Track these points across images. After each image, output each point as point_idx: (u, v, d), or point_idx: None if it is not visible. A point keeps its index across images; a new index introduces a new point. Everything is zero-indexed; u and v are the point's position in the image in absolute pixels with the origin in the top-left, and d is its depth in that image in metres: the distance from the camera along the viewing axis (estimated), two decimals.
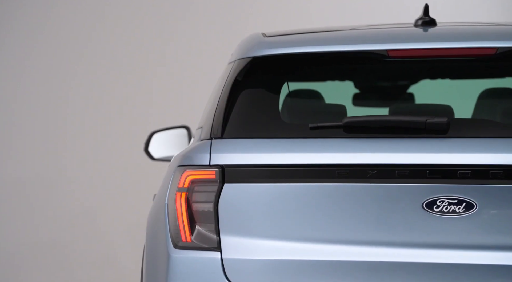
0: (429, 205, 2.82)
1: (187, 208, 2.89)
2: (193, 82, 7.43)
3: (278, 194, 2.86)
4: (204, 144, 2.96)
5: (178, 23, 7.40)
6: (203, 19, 7.35)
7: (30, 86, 7.54)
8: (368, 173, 2.84)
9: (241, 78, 3.09)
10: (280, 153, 2.88)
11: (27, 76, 7.53)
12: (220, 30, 7.27)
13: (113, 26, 7.43)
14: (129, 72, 7.46)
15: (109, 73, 7.49)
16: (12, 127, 7.57)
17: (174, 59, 7.43)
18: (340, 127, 2.93)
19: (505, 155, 2.83)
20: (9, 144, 7.56)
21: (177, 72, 7.45)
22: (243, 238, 2.86)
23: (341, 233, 2.83)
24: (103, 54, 7.45)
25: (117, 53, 7.44)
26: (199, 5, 7.37)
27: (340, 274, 2.80)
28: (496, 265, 2.78)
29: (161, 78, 7.48)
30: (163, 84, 7.49)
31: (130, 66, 7.46)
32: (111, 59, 7.47)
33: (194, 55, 7.37)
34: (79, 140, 7.52)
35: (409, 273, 2.80)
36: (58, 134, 7.55)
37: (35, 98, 7.55)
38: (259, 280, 2.82)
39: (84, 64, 7.48)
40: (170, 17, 7.39)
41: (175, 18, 7.39)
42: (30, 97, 7.55)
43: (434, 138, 2.89)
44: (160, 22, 7.38)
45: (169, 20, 7.39)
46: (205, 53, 7.32)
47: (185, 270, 2.85)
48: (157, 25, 7.39)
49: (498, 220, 2.81)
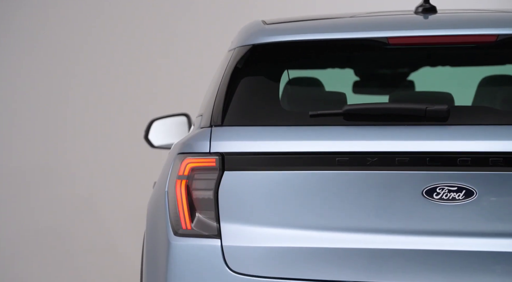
0: (429, 193, 2.83)
1: (187, 195, 2.89)
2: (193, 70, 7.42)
3: (278, 182, 2.86)
4: (204, 132, 2.96)
5: (178, 11, 7.38)
6: (203, 7, 7.34)
7: (30, 74, 7.54)
8: (368, 160, 2.84)
9: (241, 66, 3.09)
10: (280, 140, 2.88)
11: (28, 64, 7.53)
12: (220, 18, 7.26)
13: (115, 13, 7.42)
14: (129, 60, 7.45)
15: (109, 62, 7.48)
16: (13, 117, 7.57)
17: (174, 47, 7.42)
18: (340, 115, 2.93)
19: (505, 142, 2.83)
20: (10, 133, 7.56)
21: (177, 60, 7.44)
22: (243, 226, 2.86)
23: (341, 221, 2.83)
24: (103, 41, 7.44)
25: (118, 41, 7.43)
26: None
27: (340, 261, 2.81)
28: (495, 252, 2.79)
29: (161, 66, 7.47)
30: (163, 72, 7.48)
31: (130, 54, 7.45)
32: (111, 48, 7.46)
33: (194, 43, 7.36)
34: (79, 128, 7.53)
35: (409, 260, 2.80)
36: (59, 123, 7.55)
37: (36, 86, 7.54)
38: (259, 267, 2.83)
39: (84, 53, 7.48)
40: (170, 5, 7.37)
41: (176, 6, 7.38)
42: (30, 85, 7.55)
43: (434, 126, 2.89)
44: (161, 10, 7.37)
45: (170, 8, 7.37)
46: (205, 40, 7.30)
47: (185, 257, 2.85)
48: (158, 13, 7.38)
49: (498, 207, 2.81)
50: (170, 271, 2.85)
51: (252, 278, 2.82)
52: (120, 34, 7.42)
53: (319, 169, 2.85)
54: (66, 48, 7.48)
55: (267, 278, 2.82)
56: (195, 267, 2.84)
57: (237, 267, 2.84)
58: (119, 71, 7.50)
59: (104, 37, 7.44)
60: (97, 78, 7.52)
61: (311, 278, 2.81)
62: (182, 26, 7.38)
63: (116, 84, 7.51)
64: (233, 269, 2.84)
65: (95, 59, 7.48)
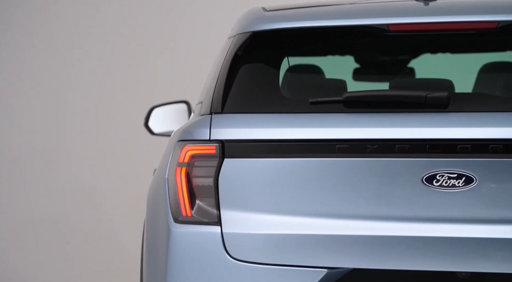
0: (429, 179, 2.83)
1: (187, 182, 2.90)
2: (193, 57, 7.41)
3: (278, 169, 2.86)
4: (204, 119, 2.96)
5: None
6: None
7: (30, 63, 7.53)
8: (368, 147, 2.84)
9: (241, 53, 3.08)
10: (280, 127, 2.88)
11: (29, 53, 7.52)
12: (220, 5, 7.24)
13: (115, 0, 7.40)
14: (129, 48, 7.44)
15: (109, 50, 7.47)
16: (12, 103, 7.57)
17: (175, 34, 7.41)
18: (340, 102, 2.92)
19: (505, 129, 2.83)
20: (9, 120, 7.56)
21: (177, 47, 7.43)
22: (243, 213, 2.86)
23: (341, 208, 2.84)
24: (104, 28, 7.43)
25: (119, 27, 7.41)
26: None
27: (340, 248, 2.81)
28: (495, 238, 2.79)
29: (161, 54, 7.47)
30: (163, 60, 7.47)
31: (130, 40, 7.44)
32: (112, 34, 7.45)
33: (194, 30, 7.35)
34: (79, 115, 7.53)
35: (409, 247, 2.81)
36: (59, 112, 7.55)
37: (36, 75, 7.54)
38: (259, 254, 2.83)
39: (84, 40, 7.46)
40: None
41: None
42: (30, 73, 7.54)
43: (434, 113, 2.89)
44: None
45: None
46: (205, 27, 7.29)
47: (185, 244, 2.86)
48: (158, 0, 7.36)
49: (498, 194, 2.81)
50: (170, 258, 2.85)
51: (252, 265, 2.83)
52: (121, 20, 7.41)
53: (319, 156, 2.85)
54: (67, 34, 7.47)
55: (267, 265, 2.83)
56: (195, 254, 2.85)
57: (237, 254, 2.84)
58: (119, 60, 7.49)
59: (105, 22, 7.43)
60: (97, 66, 7.51)
61: (311, 265, 2.81)
62: (182, 13, 7.36)
63: (116, 72, 7.50)
64: (233, 256, 2.84)
65: (95, 47, 7.47)
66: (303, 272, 2.80)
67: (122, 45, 7.45)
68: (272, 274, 2.81)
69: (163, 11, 7.36)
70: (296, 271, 2.81)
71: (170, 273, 2.85)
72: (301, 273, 2.80)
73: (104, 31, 7.45)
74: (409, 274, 2.81)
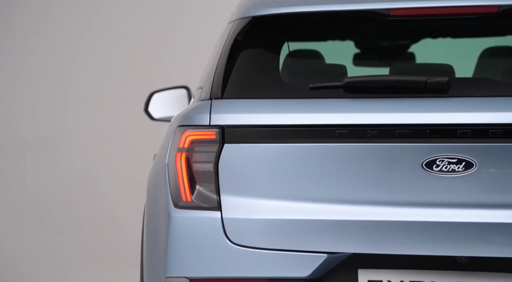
0: (428, 165, 2.83)
1: (187, 168, 2.90)
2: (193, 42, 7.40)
3: (278, 154, 2.86)
4: (204, 104, 2.96)
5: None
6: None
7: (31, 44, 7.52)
8: (368, 133, 2.84)
9: (241, 38, 3.08)
10: (280, 113, 2.88)
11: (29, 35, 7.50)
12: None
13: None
14: (129, 31, 7.43)
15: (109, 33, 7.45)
16: (13, 86, 7.56)
17: (174, 19, 7.39)
18: (341, 88, 2.92)
19: (506, 114, 2.83)
20: (10, 103, 7.56)
21: (177, 32, 7.41)
22: (243, 198, 2.87)
23: (341, 193, 2.84)
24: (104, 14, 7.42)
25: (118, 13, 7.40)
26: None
27: (340, 233, 2.82)
28: (495, 223, 2.80)
29: (161, 39, 7.45)
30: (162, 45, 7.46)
31: (130, 25, 7.42)
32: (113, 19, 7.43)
33: (194, 15, 7.33)
34: (79, 99, 7.52)
35: (409, 232, 2.81)
36: (59, 94, 7.55)
37: (36, 57, 7.53)
38: (259, 239, 2.84)
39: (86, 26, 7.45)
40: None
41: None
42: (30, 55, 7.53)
43: (434, 98, 2.88)
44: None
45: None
46: (205, 12, 7.28)
47: (186, 229, 2.86)
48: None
49: (497, 179, 2.81)
50: (170, 243, 2.86)
51: (252, 249, 2.83)
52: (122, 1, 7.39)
53: (319, 142, 2.85)
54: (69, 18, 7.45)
55: (267, 250, 2.83)
56: (195, 239, 2.85)
57: (237, 239, 2.85)
58: (119, 45, 7.48)
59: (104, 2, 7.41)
60: (98, 51, 7.50)
61: (311, 250, 2.82)
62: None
63: (117, 57, 7.49)
64: (233, 241, 2.85)
65: (95, 31, 7.46)
66: (303, 257, 2.81)
67: (122, 29, 7.44)
68: (272, 259, 2.82)
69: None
70: (296, 256, 2.81)
71: (170, 258, 2.86)
72: (301, 258, 2.81)
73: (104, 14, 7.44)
74: (408, 258, 2.82)
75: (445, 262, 2.82)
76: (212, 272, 2.83)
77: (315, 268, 2.80)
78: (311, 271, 2.81)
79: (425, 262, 2.82)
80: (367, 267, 2.83)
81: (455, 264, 2.83)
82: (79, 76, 7.53)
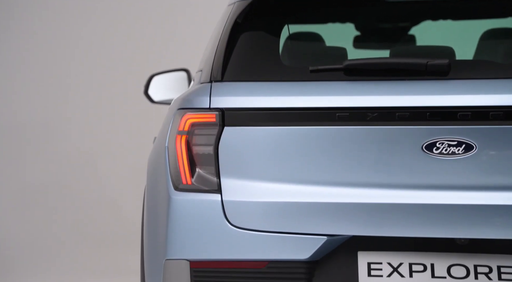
0: (428, 147, 2.83)
1: (187, 151, 2.90)
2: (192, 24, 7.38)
3: (278, 137, 2.86)
4: (204, 87, 2.95)
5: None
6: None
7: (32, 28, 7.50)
8: (368, 115, 2.84)
9: (241, 21, 3.07)
10: (280, 96, 2.88)
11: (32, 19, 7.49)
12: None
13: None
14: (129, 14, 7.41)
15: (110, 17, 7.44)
16: (13, 72, 7.56)
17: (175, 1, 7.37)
18: (341, 70, 2.92)
19: (506, 96, 2.82)
20: (10, 88, 7.55)
21: (177, 15, 7.40)
22: (243, 181, 2.87)
23: (341, 176, 2.84)
24: None
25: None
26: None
27: (340, 216, 2.82)
28: (494, 205, 2.80)
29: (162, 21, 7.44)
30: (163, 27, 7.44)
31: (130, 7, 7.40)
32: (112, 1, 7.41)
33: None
34: (79, 83, 7.52)
35: (409, 214, 2.81)
36: (59, 78, 7.54)
37: (37, 41, 7.51)
38: (259, 222, 2.84)
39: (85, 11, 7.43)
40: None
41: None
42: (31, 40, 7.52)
43: (435, 80, 2.88)
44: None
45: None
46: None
47: (186, 212, 2.87)
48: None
49: (497, 161, 2.81)
50: (170, 225, 2.87)
51: (252, 232, 2.84)
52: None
53: (319, 124, 2.85)
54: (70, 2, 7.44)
55: (267, 232, 2.84)
56: (195, 222, 2.86)
57: (237, 222, 2.85)
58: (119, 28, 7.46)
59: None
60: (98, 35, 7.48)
61: (311, 232, 2.82)
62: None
63: (117, 40, 7.48)
64: (233, 223, 2.85)
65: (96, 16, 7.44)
66: (302, 240, 2.82)
67: (123, 11, 7.42)
68: (272, 241, 2.82)
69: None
70: (296, 239, 2.82)
71: (171, 241, 2.86)
72: (301, 241, 2.81)
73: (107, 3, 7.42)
74: (408, 240, 2.82)
75: (444, 244, 2.83)
76: (212, 254, 2.84)
77: (315, 251, 2.81)
78: (311, 254, 2.81)
79: (425, 244, 2.83)
80: (367, 249, 2.84)
81: (455, 246, 2.83)
82: (79, 61, 7.52)
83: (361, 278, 2.82)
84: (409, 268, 2.83)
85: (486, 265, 2.81)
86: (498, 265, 2.81)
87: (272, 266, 2.82)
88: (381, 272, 2.83)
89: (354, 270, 2.83)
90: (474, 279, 2.80)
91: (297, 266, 2.81)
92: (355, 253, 2.84)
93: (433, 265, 2.82)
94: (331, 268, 2.83)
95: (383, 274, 2.82)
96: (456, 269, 2.82)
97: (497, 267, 2.81)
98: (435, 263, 2.83)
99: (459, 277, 2.81)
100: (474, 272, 2.81)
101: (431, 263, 2.83)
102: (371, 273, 2.83)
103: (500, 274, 2.81)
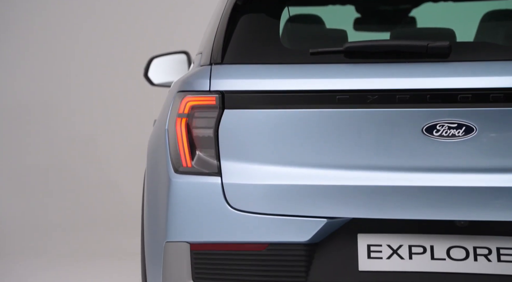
0: (428, 129, 2.83)
1: (187, 133, 2.90)
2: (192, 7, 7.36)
3: (278, 120, 2.86)
4: (204, 70, 2.95)
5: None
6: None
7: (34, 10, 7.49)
8: (368, 98, 2.83)
9: (241, 3, 3.06)
10: (281, 78, 2.87)
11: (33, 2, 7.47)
12: None
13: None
14: None
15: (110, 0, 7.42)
16: (14, 52, 7.55)
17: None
18: (341, 53, 2.91)
19: (506, 78, 2.82)
20: (11, 70, 7.55)
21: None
22: (243, 164, 2.87)
23: (341, 158, 2.84)
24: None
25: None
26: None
27: (340, 198, 2.83)
28: (495, 187, 2.80)
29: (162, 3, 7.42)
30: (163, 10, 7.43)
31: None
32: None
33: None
34: (80, 65, 7.51)
35: (409, 197, 2.82)
36: (60, 61, 7.53)
37: (38, 24, 7.50)
38: (259, 204, 2.85)
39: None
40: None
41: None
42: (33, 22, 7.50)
43: (435, 63, 2.88)
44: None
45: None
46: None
47: (186, 194, 2.87)
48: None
49: (497, 143, 2.81)
50: (170, 208, 2.87)
51: (252, 215, 2.84)
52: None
53: (319, 107, 2.85)
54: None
55: (267, 215, 2.84)
56: (195, 204, 2.86)
57: (237, 204, 2.85)
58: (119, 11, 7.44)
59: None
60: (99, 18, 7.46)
61: (311, 215, 2.83)
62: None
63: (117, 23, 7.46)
64: (233, 206, 2.86)
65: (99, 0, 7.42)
66: (302, 222, 2.82)
67: None
68: (272, 224, 2.83)
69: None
70: (296, 221, 2.82)
71: (171, 223, 2.87)
72: (301, 223, 2.82)
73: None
74: (408, 223, 2.83)
75: (444, 226, 2.83)
76: (212, 236, 2.84)
77: (314, 233, 2.82)
78: (311, 236, 2.82)
79: (424, 226, 2.83)
80: (367, 232, 2.84)
81: (454, 228, 2.84)
82: (80, 42, 7.51)
83: (361, 260, 2.83)
84: (408, 250, 2.83)
85: (485, 247, 2.82)
86: (498, 247, 2.82)
87: (272, 248, 2.83)
88: (380, 254, 2.83)
89: (354, 252, 2.83)
90: (474, 261, 2.81)
91: (297, 248, 2.82)
92: (355, 236, 2.85)
93: (433, 247, 2.83)
94: (331, 250, 2.83)
95: (382, 256, 2.83)
96: (455, 251, 2.82)
97: (496, 248, 2.82)
98: (434, 245, 2.83)
99: (458, 258, 2.82)
100: (473, 254, 2.82)
101: (430, 245, 2.83)
102: (371, 255, 2.83)
103: (500, 255, 2.81)
